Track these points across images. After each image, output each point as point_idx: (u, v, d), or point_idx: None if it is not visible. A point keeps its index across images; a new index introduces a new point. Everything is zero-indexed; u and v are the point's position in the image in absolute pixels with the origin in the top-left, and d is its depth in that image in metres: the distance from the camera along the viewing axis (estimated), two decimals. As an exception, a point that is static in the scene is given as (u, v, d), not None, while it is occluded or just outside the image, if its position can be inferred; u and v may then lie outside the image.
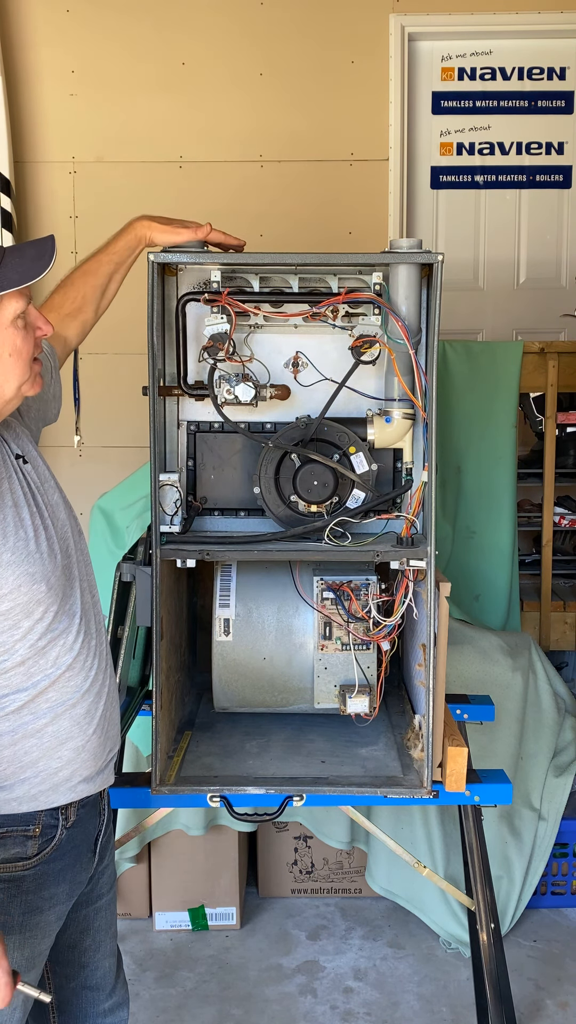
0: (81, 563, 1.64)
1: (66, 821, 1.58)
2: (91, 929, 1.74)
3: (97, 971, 1.77)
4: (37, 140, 4.10)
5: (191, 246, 2.00)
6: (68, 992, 1.76)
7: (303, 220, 4.12)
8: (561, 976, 2.77)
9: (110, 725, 1.65)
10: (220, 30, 4.05)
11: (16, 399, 1.55)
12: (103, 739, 1.62)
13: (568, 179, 4.28)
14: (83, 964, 1.75)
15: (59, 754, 1.55)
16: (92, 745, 1.59)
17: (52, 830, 1.56)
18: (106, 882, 1.76)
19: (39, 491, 1.58)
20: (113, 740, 1.67)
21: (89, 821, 1.65)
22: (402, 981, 2.75)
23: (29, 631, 1.49)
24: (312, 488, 2.06)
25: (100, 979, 1.77)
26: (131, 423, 4.01)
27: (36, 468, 1.61)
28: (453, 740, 2.06)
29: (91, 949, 1.75)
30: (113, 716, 1.67)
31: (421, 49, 4.20)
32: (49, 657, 1.52)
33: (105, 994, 1.78)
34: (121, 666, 2.18)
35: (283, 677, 2.30)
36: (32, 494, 1.57)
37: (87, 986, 1.76)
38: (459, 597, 3.33)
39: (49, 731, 1.54)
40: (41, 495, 1.58)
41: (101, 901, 1.75)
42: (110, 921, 1.78)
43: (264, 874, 3.12)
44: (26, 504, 1.54)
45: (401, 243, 1.99)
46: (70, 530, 1.63)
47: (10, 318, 1.47)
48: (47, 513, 1.57)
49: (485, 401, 3.37)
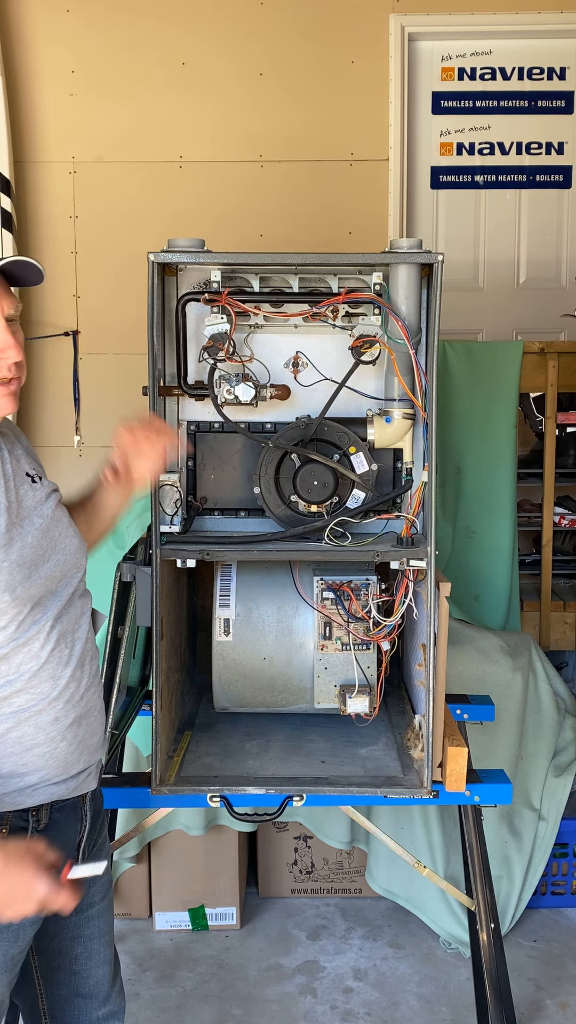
0: (75, 580, 1.64)
1: (37, 824, 1.55)
2: (82, 937, 1.71)
3: (89, 979, 1.73)
4: (37, 140, 4.10)
5: (191, 246, 2.00)
6: (59, 999, 1.73)
7: (303, 220, 4.12)
8: (561, 976, 2.77)
9: (87, 734, 1.61)
10: (220, 30, 4.05)
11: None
12: (76, 747, 1.58)
13: (568, 179, 4.28)
14: (74, 971, 1.72)
15: (24, 760, 1.52)
16: (61, 752, 1.56)
17: (22, 832, 1.53)
18: (98, 890, 1.73)
19: (32, 510, 1.58)
20: (92, 749, 1.63)
21: (67, 825, 1.62)
22: (402, 981, 2.75)
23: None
24: (312, 488, 2.06)
25: (92, 987, 1.74)
26: (131, 423, 4.01)
27: (38, 492, 1.62)
28: (453, 740, 2.06)
29: (82, 957, 1.72)
30: (92, 725, 1.63)
31: (421, 49, 4.20)
32: (12, 663, 1.50)
33: (98, 1002, 1.75)
34: (121, 666, 2.18)
35: (283, 677, 2.30)
36: (16, 505, 1.56)
37: (79, 993, 1.73)
38: (459, 597, 3.33)
39: (12, 736, 1.51)
40: (28, 510, 1.58)
41: (92, 909, 1.72)
42: (104, 929, 1.75)
43: (264, 874, 3.12)
44: (4, 511, 1.53)
45: (401, 243, 1.99)
46: (74, 550, 1.64)
47: None
48: (29, 527, 1.56)
49: (485, 401, 3.37)
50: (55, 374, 4.12)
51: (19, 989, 1.75)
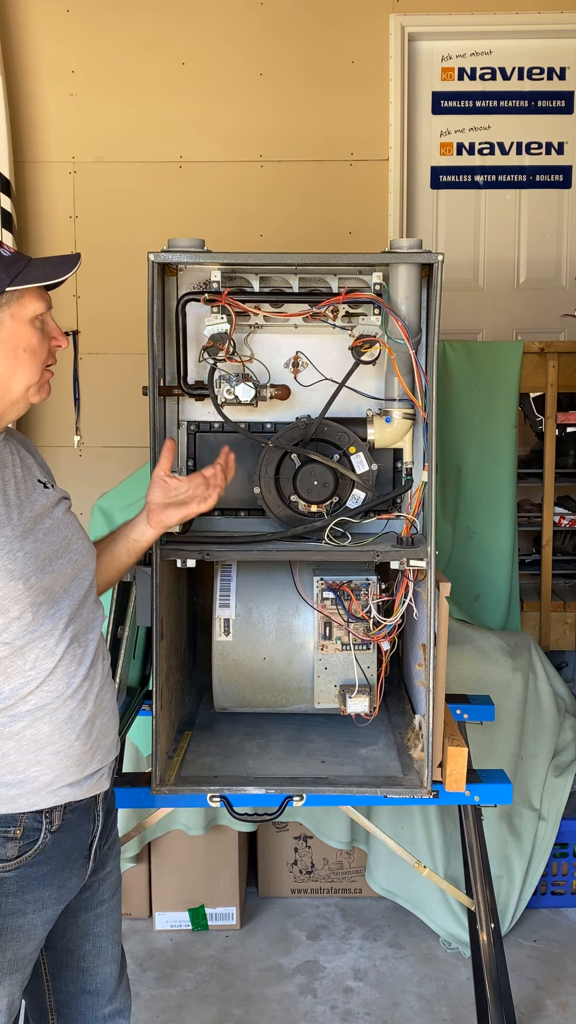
0: (86, 581, 1.66)
1: (51, 825, 1.57)
2: (90, 935, 1.73)
3: (97, 976, 1.75)
4: (37, 140, 4.10)
5: (191, 247, 2.00)
6: (66, 995, 1.75)
7: (303, 220, 4.12)
8: (561, 976, 2.77)
9: (101, 734, 1.64)
10: (220, 30, 4.06)
11: (22, 403, 1.61)
12: (90, 746, 1.60)
13: (568, 179, 4.28)
14: (82, 968, 1.74)
15: (39, 758, 1.54)
16: (75, 751, 1.58)
17: (35, 833, 1.55)
18: (108, 888, 1.75)
19: (44, 511, 1.61)
20: (105, 749, 1.65)
21: (80, 827, 1.63)
22: (402, 981, 2.75)
23: (5, 628, 1.49)
24: (312, 488, 2.06)
25: (100, 984, 1.76)
26: (131, 423, 4.01)
27: (49, 496, 1.65)
28: (453, 740, 2.06)
29: (91, 954, 1.74)
30: (105, 726, 1.65)
31: (421, 49, 4.20)
32: (28, 658, 1.52)
33: (105, 999, 1.77)
34: (121, 666, 2.17)
35: (283, 677, 2.30)
36: (28, 504, 1.59)
37: (86, 990, 1.75)
38: (459, 597, 3.32)
39: (28, 734, 1.53)
40: (40, 510, 1.61)
41: (102, 907, 1.74)
42: (112, 927, 1.77)
43: (264, 874, 3.12)
44: (17, 507, 1.56)
45: (401, 243, 1.99)
46: (84, 552, 1.67)
47: (30, 316, 1.56)
48: (41, 526, 1.59)
49: (485, 401, 3.37)
50: (55, 374, 4.11)
51: (27, 985, 1.76)
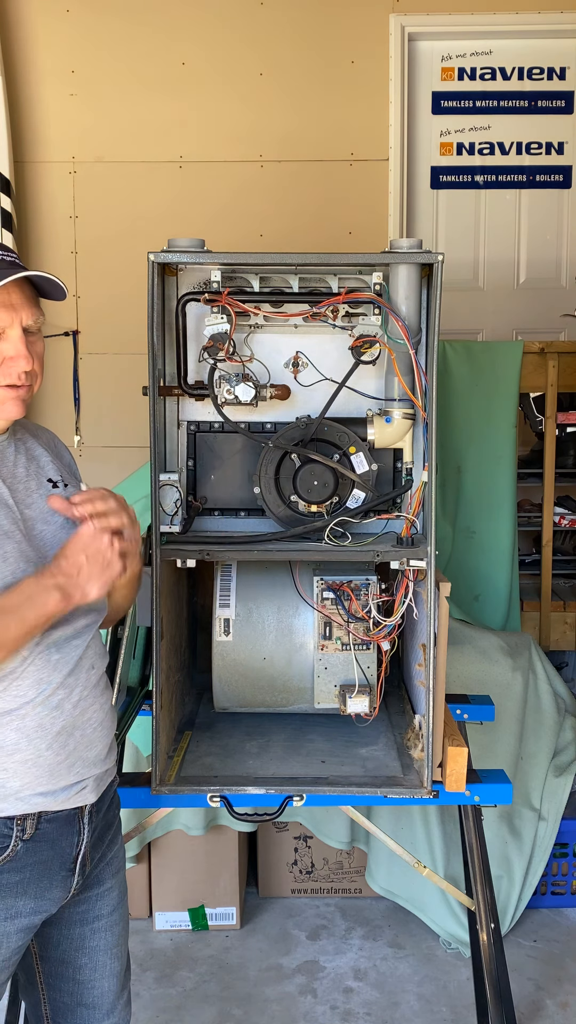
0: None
1: (22, 833, 1.51)
2: (87, 948, 1.70)
3: (94, 989, 1.72)
4: (37, 140, 4.10)
5: (191, 247, 2.00)
6: (62, 1005, 1.72)
7: (303, 220, 4.12)
8: (561, 976, 2.77)
9: (82, 746, 1.56)
10: (220, 30, 4.05)
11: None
12: (64, 757, 1.53)
13: (568, 179, 4.28)
14: (78, 981, 1.71)
15: (5, 765, 1.49)
16: (46, 761, 1.51)
17: (5, 840, 1.50)
18: (107, 904, 1.71)
19: (47, 513, 1.57)
20: (87, 762, 1.58)
21: (61, 838, 1.57)
22: (402, 981, 2.75)
23: None
24: (312, 488, 2.06)
25: (97, 998, 1.72)
26: (131, 423, 4.01)
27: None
28: (453, 740, 2.06)
29: (87, 968, 1.70)
30: (89, 738, 1.58)
31: (421, 49, 4.20)
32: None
33: (102, 1013, 1.74)
34: (121, 666, 2.18)
35: (283, 677, 2.30)
36: (25, 506, 1.55)
37: (82, 1003, 1.72)
38: (459, 597, 3.33)
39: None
40: (42, 512, 1.57)
41: (99, 923, 1.70)
42: (112, 943, 1.73)
43: (264, 874, 3.12)
44: (4, 506, 1.52)
45: (401, 243, 1.99)
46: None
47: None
48: (43, 527, 1.56)
49: (485, 401, 3.37)
50: (55, 374, 4.12)
51: (26, 990, 1.76)
